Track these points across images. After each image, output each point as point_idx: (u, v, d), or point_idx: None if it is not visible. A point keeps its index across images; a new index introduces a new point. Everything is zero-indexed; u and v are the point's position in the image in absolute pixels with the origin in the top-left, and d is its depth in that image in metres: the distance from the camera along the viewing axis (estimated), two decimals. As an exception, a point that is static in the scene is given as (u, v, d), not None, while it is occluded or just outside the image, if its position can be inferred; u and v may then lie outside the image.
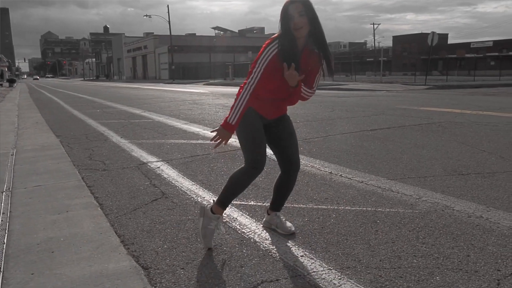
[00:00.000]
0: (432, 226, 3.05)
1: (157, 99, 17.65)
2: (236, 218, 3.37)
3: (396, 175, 4.42)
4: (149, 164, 5.33)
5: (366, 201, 3.63)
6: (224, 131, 2.70)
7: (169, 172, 4.91)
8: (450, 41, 74.39)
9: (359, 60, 65.87)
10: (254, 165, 2.82)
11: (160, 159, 5.56)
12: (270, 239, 2.96)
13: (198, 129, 8.01)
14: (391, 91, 21.45)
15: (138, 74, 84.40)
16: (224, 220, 3.33)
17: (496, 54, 68.74)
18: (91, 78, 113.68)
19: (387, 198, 3.69)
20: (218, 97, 17.10)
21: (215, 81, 44.28)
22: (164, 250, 2.84)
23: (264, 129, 2.88)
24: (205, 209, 2.92)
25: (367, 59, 73.29)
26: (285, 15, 2.54)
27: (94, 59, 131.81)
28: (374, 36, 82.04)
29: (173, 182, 4.49)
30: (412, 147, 5.77)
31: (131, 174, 4.87)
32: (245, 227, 3.19)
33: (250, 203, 3.72)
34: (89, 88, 38.28)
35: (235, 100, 2.69)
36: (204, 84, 38.99)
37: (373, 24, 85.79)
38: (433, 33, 26.29)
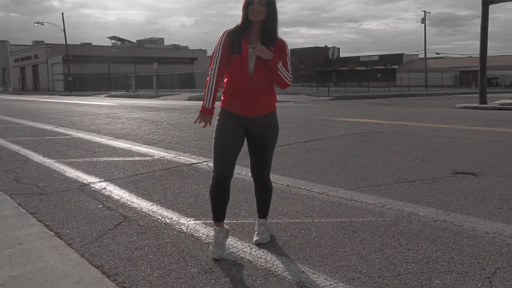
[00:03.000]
0: (408, 232, 3.27)
1: (64, 113, 16.45)
2: (218, 238, 3.28)
3: (351, 185, 4.64)
4: (91, 185, 4.97)
5: (336, 212, 3.77)
6: (204, 115, 2.95)
7: (118, 193, 4.62)
8: (341, 54, 79.77)
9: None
10: (214, 173, 3.05)
11: (102, 179, 5.21)
12: (263, 257, 2.94)
13: (128, 145, 7.64)
14: (299, 102, 22.41)
15: (28, 86, 77.82)
16: (206, 241, 3.24)
17: (382, 67, 75.54)
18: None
19: (354, 208, 3.86)
20: (132, 110, 16.46)
21: (117, 93, 42.44)
22: (157, 279, 2.68)
23: (245, 131, 3.01)
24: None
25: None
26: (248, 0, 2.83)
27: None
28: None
29: (129, 203, 4.23)
30: (352, 157, 6.11)
31: (77, 197, 4.50)
32: (232, 247, 3.13)
33: (224, 221, 3.64)
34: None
35: (205, 87, 2.93)
36: (106, 96, 37.20)
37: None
38: (334, 47, 28.11)
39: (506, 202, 3.92)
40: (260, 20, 2.85)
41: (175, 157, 6.46)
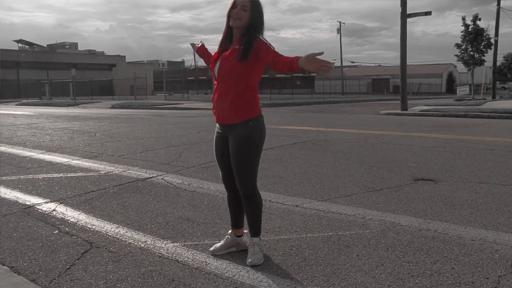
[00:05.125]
0: (399, 244, 3.25)
1: (-26, 123, 14.78)
2: (207, 262, 3.03)
3: (322, 196, 4.59)
4: (37, 207, 4.42)
5: (320, 226, 3.67)
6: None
7: (73, 214, 4.15)
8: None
9: (180, 79, 66.69)
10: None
11: (48, 200, 4.66)
12: (265, 281, 2.74)
13: (66, 160, 6.98)
14: (229, 110, 22.28)
15: None
16: (195, 266, 2.97)
17: (301, 75, 78.08)
18: None
19: (335, 221, 3.79)
20: (55, 120, 15.23)
21: (29, 100, 39.35)
22: (156, 315, 2.37)
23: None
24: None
25: (188, 78, 74.96)
26: (232, 4, 2.79)
27: None
28: (194, 56, 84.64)
29: (90, 226, 3.80)
30: (310, 166, 6.09)
31: (24, 222, 3.96)
32: (226, 271, 2.89)
33: (205, 242, 3.39)
34: None
35: None
36: (17, 105, 34.31)
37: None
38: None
39: (475, 207, 4.08)
40: (239, 26, 2.80)
41: (124, 171, 6.00)
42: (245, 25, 2.79)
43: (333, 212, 4.02)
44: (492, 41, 31.25)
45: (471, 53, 31.10)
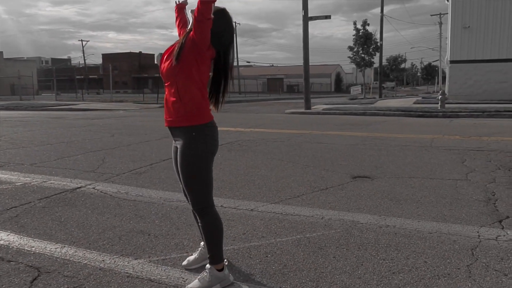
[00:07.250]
0: (368, 242, 3.34)
1: None
2: (185, 278, 2.82)
3: (273, 198, 4.56)
4: (-50, 229, 3.76)
5: (285, 230, 3.64)
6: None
7: (1, 236, 3.60)
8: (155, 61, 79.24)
9: (67, 78, 62.02)
10: None
11: (-38, 220, 3.99)
12: (255, 292, 2.62)
13: (-35, 171, 6.05)
14: (130, 110, 21.38)
15: None
16: (173, 284, 2.75)
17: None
18: None
19: (297, 223, 3.79)
20: None
21: None
22: None
23: None
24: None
25: (77, 77, 70.44)
26: None
27: None
28: (84, 54, 79.75)
29: (28, 249, 3.33)
30: (248, 168, 6.03)
31: None
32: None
33: (172, 256, 3.16)
34: None
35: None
36: None
37: (82, 40, 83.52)
38: (160, 53, 27.59)
39: (418, 202, 4.36)
40: (195, 16, 2.43)
41: (45, 182, 5.37)
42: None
43: (291, 214, 4.01)
44: (379, 44, 34.19)
45: (362, 55, 33.72)
